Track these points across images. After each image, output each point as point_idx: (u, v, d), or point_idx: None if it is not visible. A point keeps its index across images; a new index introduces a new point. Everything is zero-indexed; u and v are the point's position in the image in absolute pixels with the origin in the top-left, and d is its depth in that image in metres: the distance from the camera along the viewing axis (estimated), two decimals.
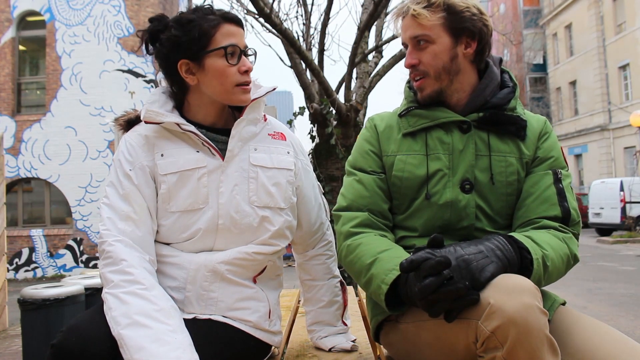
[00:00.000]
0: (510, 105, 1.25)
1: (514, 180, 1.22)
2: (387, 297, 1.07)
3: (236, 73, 1.21)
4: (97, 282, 3.42)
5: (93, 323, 1.04)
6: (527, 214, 1.20)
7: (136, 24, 9.51)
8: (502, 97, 1.25)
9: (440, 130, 1.25)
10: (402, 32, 1.26)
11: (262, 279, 1.29)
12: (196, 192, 1.20)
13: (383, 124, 1.34)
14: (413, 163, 1.25)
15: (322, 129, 4.51)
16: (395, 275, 1.04)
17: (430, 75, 1.22)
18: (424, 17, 1.19)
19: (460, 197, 1.21)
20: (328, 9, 4.50)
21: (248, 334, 1.23)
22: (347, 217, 1.25)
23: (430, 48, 1.21)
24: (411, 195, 1.25)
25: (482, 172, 1.22)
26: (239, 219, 1.22)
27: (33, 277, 9.39)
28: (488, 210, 1.22)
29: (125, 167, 1.20)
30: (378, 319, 1.27)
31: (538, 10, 26.89)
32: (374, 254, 1.13)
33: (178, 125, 1.20)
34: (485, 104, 1.24)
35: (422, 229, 1.24)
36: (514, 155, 1.23)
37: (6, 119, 9.61)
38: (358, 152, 1.34)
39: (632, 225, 12.95)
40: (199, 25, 1.19)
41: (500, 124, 1.23)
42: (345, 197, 1.29)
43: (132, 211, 1.17)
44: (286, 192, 1.30)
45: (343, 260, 1.24)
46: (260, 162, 1.27)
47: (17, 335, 4.36)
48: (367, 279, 1.12)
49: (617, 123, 20.57)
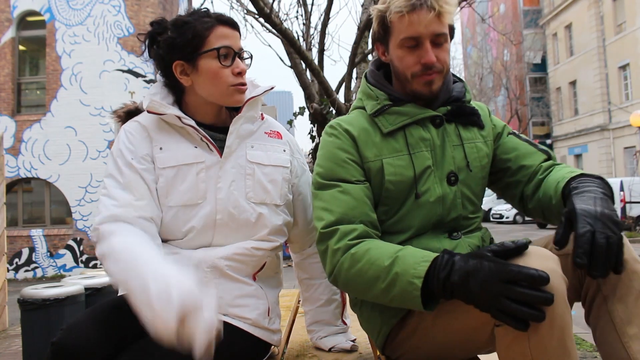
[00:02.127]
0: (467, 98, 1.32)
1: (487, 163, 1.31)
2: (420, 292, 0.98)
3: (230, 74, 1.22)
4: (97, 282, 3.42)
5: (93, 321, 1.04)
6: (525, 170, 1.29)
7: (136, 24, 9.51)
8: (459, 90, 1.32)
9: (418, 127, 1.26)
10: (418, 27, 1.17)
11: (261, 276, 1.30)
12: (194, 187, 1.21)
13: (355, 129, 1.25)
14: (402, 165, 1.23)
15: (322, 129, 4.51)
16: (427, 267, 0.98)
17: (443, 72, 1.24)
18: (451, 15, 1.19)
19: (448, 190, 1.24)
20: (328, 9, 4.51)
21: (247, 333, 1.23)
22: (344, 231, 1.13)
23: (445, 46, 1.23)
24: (402, 197, 1.23)
25: (461, 162, 1.26)
26: (237, 215, 1.23)
27: (33, 277, 9.39)
28: (471, 195, 1.27)
29: (127, 156, 1.19)
30: (391, 324, 1.21)
31: (538, 10, 26.87)
32: (390, 254, 1.05)
33: (179, 118, 1.21)
34: (449, 98, 1.29)
35: (417, 228, 1.23)
36: (480, 140, 1.30)
37: (6, 119, 9.61)
38: (332, 162, 1.22)
39: (632, 225, 12.95)
40: (193, 27, 1.21)
41: (465, 115, 1.30)
42: (332, 211, 1.16)
43: (132, 199, 1.16)
44: (282, 188, 1.31)
45: (346, 272, 1.11)
46: (256, 159, 1.28)
47: (17, 335, 4.36)
48: (390, 281, 1.02)
49: (617, 123, 20.56)
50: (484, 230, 1.34)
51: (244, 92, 1.26)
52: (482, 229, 1.33)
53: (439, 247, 1.21)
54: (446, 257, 0.97)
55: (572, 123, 24.07)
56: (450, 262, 0.95)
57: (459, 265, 0.93)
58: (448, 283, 0.94)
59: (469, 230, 1.28)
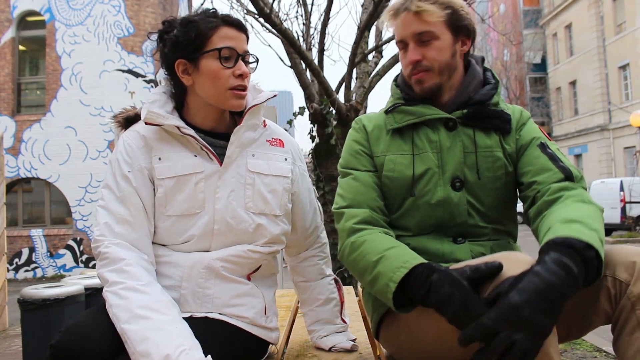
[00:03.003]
0: (493, 101, 1.27)
1: (502, 174, 1.24)
2: (395, 295, 1.04)
3: (230, 76, 1.21)
4: (97, 282, 3.41)
5: (92, 322, 1.04)
6: (534, 187, 1.18)
7: (136, 24, 9.50)
8: (484, 93, 1.28)
9: (427, 128, 1.27)
10: (402, 29, 1.25)
11: (256, 276, 1.30)
12: (193, 197, 1.21)
13: (371, 124, 1.35)
14: (403, 163, 1.26)
15: (322, 129, 4.51)
16: (404, 273, 1.01)
17: (434, 70, 1.23)
18: (429, 13, 1.20)
19: (452, 195, 1.23)
20: (328, 9, 4.50)
21: (245, 331, 1.23)
22: (350, 214, 1.24)
23: (435, 44, 1.22)
24: (402, 195, 1.26)
25: (470, 169, 1.24)
26: (234, 225, 1.23)
27: (33, 277, 9.38)
28: (479, 206, 1.24)
29: (123, 168, 1.20)
30: (380, 312, 1.27)
31: (538, 10, 26.86)
32: (379, 251, 1.11)
33: (178, 128, 1.20)
34: (469, 100, 1.26)
35: (416, 228, 1.25)
36: (498, 149, 1.25)
37: (6, 119, 9.60)
38: (349, 153, 1.35)
39: (632, 225, 12.94)
40: (197, 26, 1.20)
41: (485, 118, 1.25)
42: (344, 196, 1.28)
43: (128, 214, 1.17)
44: (282, 199, 1.30)
45: (346, 258, 1.22)
46: (257, 169, 1.27)
47: (17, 335, 4.36)
48: (373, 277, 1.10)
49: (617, 123, 20.55)
50: (504, 242, 1.27)
51: (243, 98, 1.24)
52: (500, 240, 1.26)
53: (437, 249, 1.23)
54: (425, 273, 0.97)
55: (572, 123, 24.07)
56: (428, 282, 0.95)
57: (434, 289, 0.93)
58: (427, 302, 0.96)
59: (478, 238, 1.25)
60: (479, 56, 1.34)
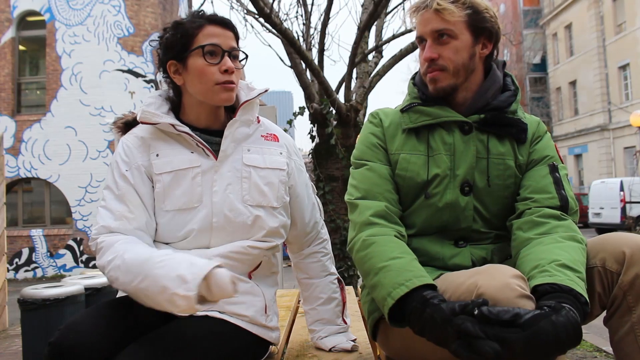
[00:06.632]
0: (512, 109, 1.25)
1: (512, 183, 1.24)
2: (391, 310, 1.04)
3: (216, 72, 1.23)
4: (97, 282, 3.41)
5: (91, 320, 1.05)
6: (528, 203, 1.20)
7: (136, 24, 9.50)
8: (503, 99, 1.25)
9: (442, 130, 1.26)
10: (421, 26, 1.23)
11: (257, 274, 1.31)
12: (190, 191, 1.23)
13: (388, 120, 1.33)
14: (417, 163, 1.25)
15: (322, 129, 4.51)
16: (404, 292, 1.01)
17: (448, 70, 1.22)
18: (450, 12, 1.19)
19: (460, 199, 1.22)
20: (328, 9, 4.49)
21: (245, 330, 1.23)
22: (365, 206, 1.22)
23: (452, 43, 1.21)
24: (413, 194, 1.26)
25: (481, 174, 1.23)
26: (232, 217, 1.24)
27: (33, 277, 9.38)
28: (485, 212, 1.23)
29: (121, 167, 1.24)
30: (375, 317, 1.27)
31: (538, 10, 26.87)
32: (385, 258, 1.10)
33: (173, 126, 1.23)
34: (487, 105, 1.24)
35: (420, 228, 1.25)
36: (512, 158, 1.24)
37: (6, 119, 9.60)
38: (364, 145, 1.32)
39: (632, 225, 12.95)
40: (183, 26, 1.24)
41: (501, 126, 1.24)
42: (358, 187, 1.26)
43: (127, 210, 1.20)
44: (279, 191, 1.32)
45: (355, 253, 1.19)
46: (253, 163, 1.29)
47: (17, 335, 4.36)
48: (374, 283, 1.09)
49: (617, 123, 20.56)
50: (504, 245, 1.26)
51: (232, 90, 1.26)
52: (501, 244, 1.26)
53: (437, 252, 1.23)
54: (419, 308, 0.97)
55: (572, 123, 24.07)
56: (422, 317, 0.96)
57: (428, 330, 0.95)
58: (423, 334, 0.97)
59: (479, 242, 1.25)
60: (500, 60, 1.31)
